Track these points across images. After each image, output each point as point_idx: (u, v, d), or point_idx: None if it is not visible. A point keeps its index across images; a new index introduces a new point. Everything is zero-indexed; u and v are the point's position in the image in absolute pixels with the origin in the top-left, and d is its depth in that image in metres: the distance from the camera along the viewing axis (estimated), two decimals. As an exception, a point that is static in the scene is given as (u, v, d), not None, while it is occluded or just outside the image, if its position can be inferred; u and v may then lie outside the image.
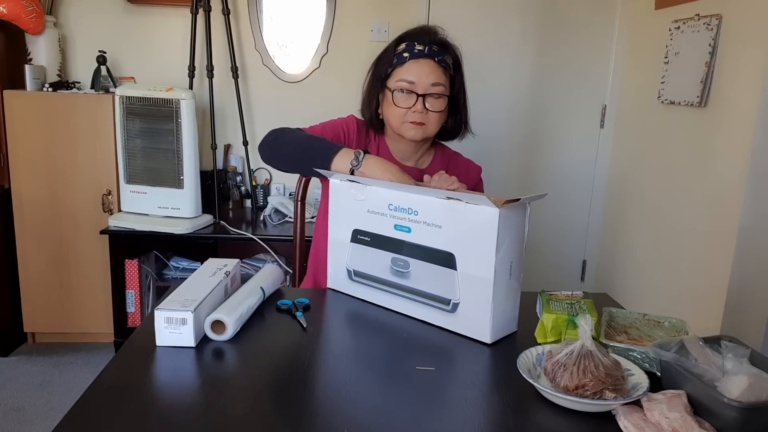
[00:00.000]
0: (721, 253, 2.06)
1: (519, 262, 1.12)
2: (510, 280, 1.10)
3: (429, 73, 1.38)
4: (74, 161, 2.60)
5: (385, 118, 1.45)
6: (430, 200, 1.10)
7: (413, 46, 1.39)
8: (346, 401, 0.90)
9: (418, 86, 1.38)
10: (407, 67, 1.39)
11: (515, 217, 1.07)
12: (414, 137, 1.41)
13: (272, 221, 2.76)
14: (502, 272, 1.07)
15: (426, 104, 1.38)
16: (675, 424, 0.81)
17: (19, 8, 2.48)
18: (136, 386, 0.91)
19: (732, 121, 2.05)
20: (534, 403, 0.90)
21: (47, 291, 2.70)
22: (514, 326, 1.16)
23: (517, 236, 1.09)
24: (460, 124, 1.50)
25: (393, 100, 1.40)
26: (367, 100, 1.48)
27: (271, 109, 2.98)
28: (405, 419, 0.85)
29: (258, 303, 1.21)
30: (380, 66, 1.45)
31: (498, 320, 1.09)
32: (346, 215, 1.25)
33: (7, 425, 2.19)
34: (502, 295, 1.08)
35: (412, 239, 1.15)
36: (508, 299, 1.11)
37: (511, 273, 1.10)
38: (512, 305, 1.13)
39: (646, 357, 1.00)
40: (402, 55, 1.40)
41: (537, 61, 3.00)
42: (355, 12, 2.88)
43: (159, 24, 2.86)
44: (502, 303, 1.09)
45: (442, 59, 1.40)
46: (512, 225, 1.07)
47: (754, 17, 1.96)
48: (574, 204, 3.14)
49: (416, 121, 1.39)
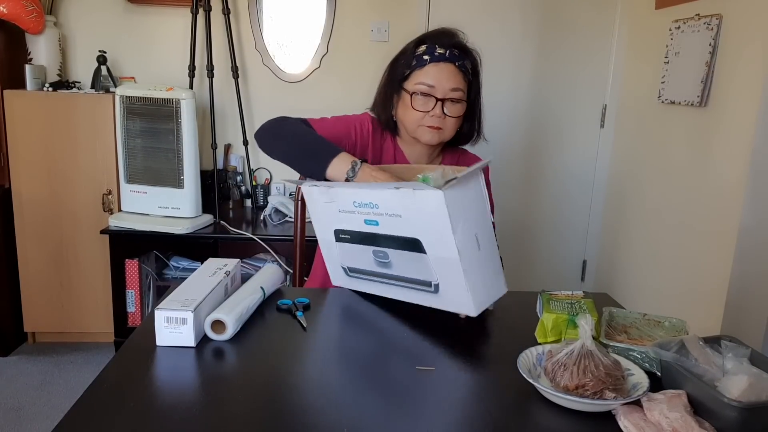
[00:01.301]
0: (721, 252, 2.06)
1: (486, 231, 1.12)
2: (480, 252, 1.10)
3: (449, 77, 1.35)
4: (74, 161, 2.60)
5: (401, 120, 1.43)
6: (384, 192, 1.11)
7: (434, 49, 1.36)
8: (347, 401, 0.90)
9: (437, 90, 1.35)
10: (427, 70, 1.36)
11: (467, 190, 1.08)
12: (430, 141, 1.39)
13: (272, 221, 2.76)
14: (468, 248, 1.07)
15: (444, 109, 1.36)
16: (675, 423, 0.81)
17: (19, 8, 2.48)
18: (136, 386, 0.91)
19: (732, 121, 2.05)
20: (534, 402, 0.90)
21: (47, 290, 2.70)
22: (503, 289, 1.16)
23: (476, 208, 1.10)
24: (474, 130, 1.48)
25: (411, 103, 1.37)
26: (382, 101, 1.45)
27: (272, 108, 2.97)
28: (405, 419, 0.85)
29: (258, 303, 1.21)
30: (398, 67, 1.42)
31: (479, 292, 1.10)
32: (325, 217, 1.26)
33: (7, 425, 2.19)
34: (476, 268, 1.09)
35: (381, 231, 1.16)
36: (484, 269, 1.12)
37: (479, 245, 1.10)
38: (491, 273, 1.14)
39: (647, 357, 1.00)
40: (422, 58, 1.37)
41: (537, 60, 3.00)
42: (355, 12, 2.88)
43: (159, 24, 2.86)
44: (477, 275, 1.10)
45: (462, 64, 1.37)
46: (466, 200, 1.08)
47: (755, 17, 1.96)
48: (575, 204, 3.14)
49: (434, 125, 1.37)
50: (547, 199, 3.14)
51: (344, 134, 1.43)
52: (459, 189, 1.06)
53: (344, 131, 1.43)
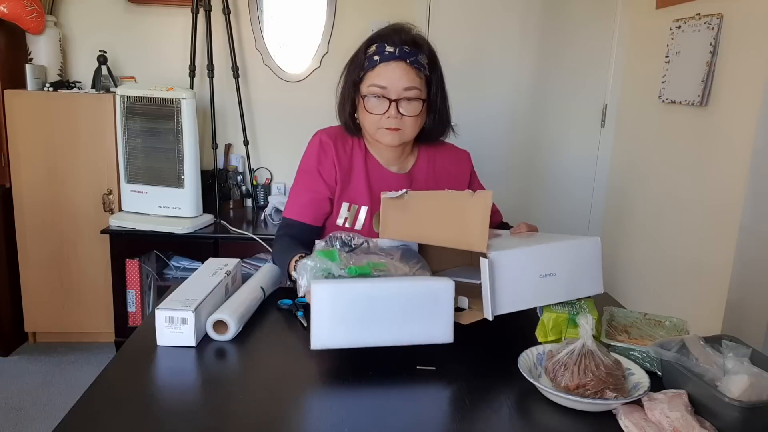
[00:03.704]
0: (722, 252, 2.06)
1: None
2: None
3: (401, 76, 1.31)
4: (75, 161, 2.60)
5: (361, 123, 1.40)
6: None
7: (383, 48, 1.33)
8: (347, 400, 0.90)
9: (390, 91, 1.31)
10: (378, 71, 1.32)
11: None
12: (390, 143, 1.36)
13: (273, 221, 2.76)
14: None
15: (400, 109, 1.32)
16: (676, 423, 0.81)
17: (19, 8, 2.48)
18: (137, 386, 0.91)
19: (733, 120, 2.05)
20: (535, 402, 0.90)
21: (48, 290, 2.70)
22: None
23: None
24: (441, 123, 1.44)
25: (365, 106, 1.35)
26: (342, 104, 1.43)
27: (272, 108, 2.98)
28: (406, 418, 0.85)
29: (258, 302, 1.21)
30: (352, 70, 1.40)
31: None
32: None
33: (8, 425, 2.19)
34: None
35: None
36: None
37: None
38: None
39: (647, 356, 1.00)
40: (373, 59, 1.33)
41: (538, 60, 2.99)
42: (355, 11, 2.87)
43: (160, 23, 2.86)
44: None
45: (414, 60, 1.32)
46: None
47: (755, 16, 1.96)
48: (575, 203, 3.13)
49: (391, 127, 1.33)
50: (547, 198, 3.14)
51: (314, 187, 1.41)
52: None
53: (313, 185, 1.41)
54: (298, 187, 1.44)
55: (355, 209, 1.41)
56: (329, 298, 0.95)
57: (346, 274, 0.99)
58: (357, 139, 1.45)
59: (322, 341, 0.96)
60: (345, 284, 0.96)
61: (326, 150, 1.41)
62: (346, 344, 0.96)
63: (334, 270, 0.99)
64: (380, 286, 0.98)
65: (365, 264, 1.02)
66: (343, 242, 1.14)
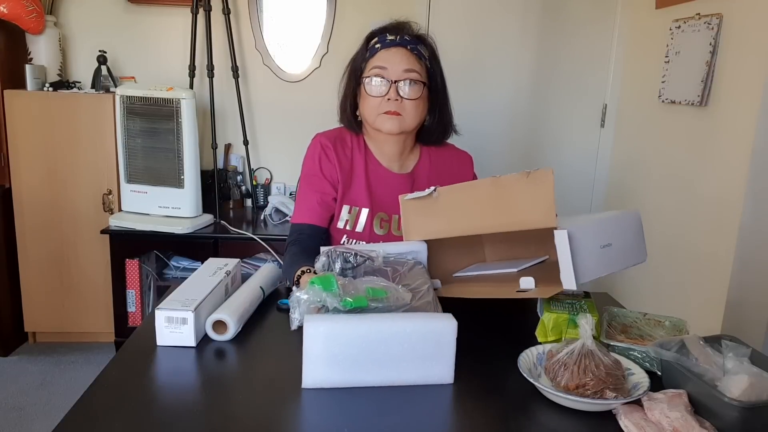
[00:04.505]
0: (722, 251, 2.06)
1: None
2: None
3: (401, 59, 1.33)
4: (75, 161, 2.60)
5: (362, 115, 1.40)
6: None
7: (385, 37, 1.37)
8: (347, 400, 0.90)
9: (390, 72, 1.33)
10: (379, 56, 1.35)
11: None
12: (391, 130, 1.35)
13: (273, 221, 2.76)
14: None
15: (399, 91, 1.33)
16: (676, 423, 0.81)
17: (19, 8, 2.48)
18: (137, 386, 0.91)
19: (733, 120, 2.05)
20: (534, 402, 0.90)
21: (48, 290, 2.70)
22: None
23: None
24: (442, 122, 1.43)
25: (365, 89, 1.35)
26: (344, 100, 1.43)
27: (272, 108, 2.98)
28: (405, 418, 0.85)
29: (258, 302, 1.21)
30: (355, 64, 1.42)
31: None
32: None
33: (8, 425, 2.19)
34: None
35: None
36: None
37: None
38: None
39: (647, 356, 1.00)
40: (374, 47, 1.37)
41: (537, 60, 2.99)
42: (355, 11, 2.87)
43: (159, 24, 2.86)
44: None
45: (414, 47, 1.35)
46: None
47: (755, 16, 1.96)
48: (575, 203, 3.13)
49: (391, 110, 1.33)
50: (547, 198, 3.13)
51: (321, 189, 1.40)
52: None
53: (319, 187, 1.40)
54: (305, 191, 1.43)
55: (355, 212, 1.41)
56: (322, 336, 0.90)
57: (341, 307, 0.93)
58: (356, 139, 1.45)
59: (313, 380, 0.92)
60: (339, 323, 0.91)
61: (327, 152, 1.41)
62: (339, 384, 0.93)
63: (329, 302, 0.93)
64: (377, 326, 0.92)
65: (363, 294, 0.95)
66: (345, 260, 1.09)
